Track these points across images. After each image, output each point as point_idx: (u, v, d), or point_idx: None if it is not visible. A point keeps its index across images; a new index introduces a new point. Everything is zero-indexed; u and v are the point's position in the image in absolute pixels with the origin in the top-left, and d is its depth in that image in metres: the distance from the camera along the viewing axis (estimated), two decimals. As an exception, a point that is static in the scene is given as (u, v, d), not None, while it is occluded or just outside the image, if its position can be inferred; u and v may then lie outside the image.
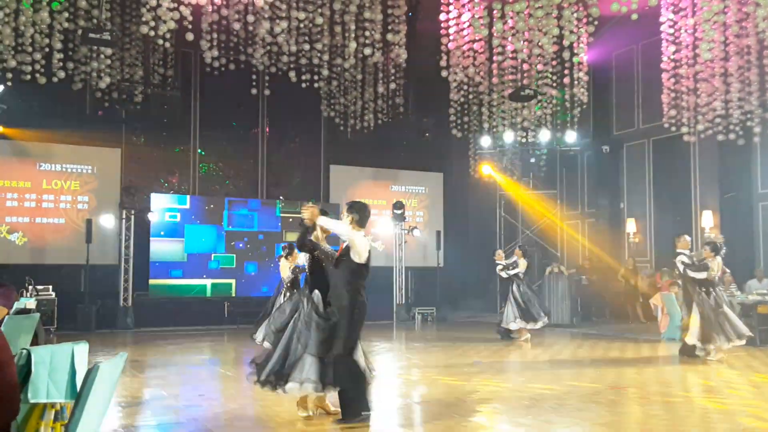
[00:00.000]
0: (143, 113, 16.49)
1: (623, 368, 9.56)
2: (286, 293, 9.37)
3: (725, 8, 12.09)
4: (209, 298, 16.44)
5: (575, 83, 14.78)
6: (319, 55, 14.46)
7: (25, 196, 15.61)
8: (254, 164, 18.60)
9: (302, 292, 6.46)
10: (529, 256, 13.62)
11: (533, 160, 18.36)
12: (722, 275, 11.20)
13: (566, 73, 14.78)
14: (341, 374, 5.90)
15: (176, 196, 16.80)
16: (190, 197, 16.81)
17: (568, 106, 16.79)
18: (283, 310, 7.64)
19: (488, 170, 18.60)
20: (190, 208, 16.53)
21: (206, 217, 16.66)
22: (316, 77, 15.43)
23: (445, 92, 15.45)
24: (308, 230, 6.21)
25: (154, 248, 15.95)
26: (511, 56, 13.84)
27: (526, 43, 13.19)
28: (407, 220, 18.48)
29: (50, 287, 14.10)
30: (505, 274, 13.11)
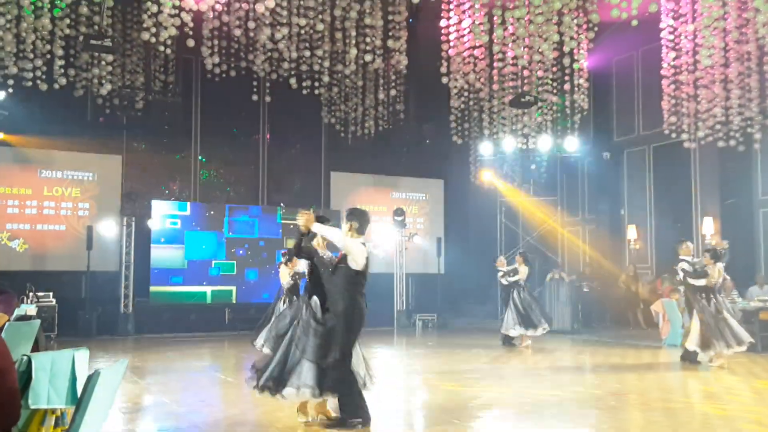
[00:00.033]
0: (144, 120, 16.53)
1: (624, 374, 9.56)
2: (286, 300, 9.39)
3: (725, 14, 12.12)
4: (210, 304, 16.42)
5: (575, 89, 14.80)
6: (319, 61, 14.48)
7: (26, 202, 15.60)
8: (255, 171, 18.60)
9: (302, 298, 6.47)
10: (530, 263, 13.61)
11: (534, 166, 18.37)
12: (723, 282, 11.17)
13: (566, 79, 14.78)
14: (336, 380, 5.88)
15: (177, 202, 16.78)
16: (190, 204, 16.80)
17: (568, 112, 16.79)
18: (284, 316, 7.63)
19: (489, 177, 18.59)
20: (190, 214, 16.52)
21: (207, 223, 16.65)
22: (316, 84, 15.43)
23: (445, 98, 15.48)
24: (304, 237, 6.19)
25: (154, 255, 15.92)
26: (511, 62, 13.85)
27: (526, 49, 13.20)
28: (408, 226, 18.46)
29: (51, 294, 14.12)
30: (505, 280, 13.13)
